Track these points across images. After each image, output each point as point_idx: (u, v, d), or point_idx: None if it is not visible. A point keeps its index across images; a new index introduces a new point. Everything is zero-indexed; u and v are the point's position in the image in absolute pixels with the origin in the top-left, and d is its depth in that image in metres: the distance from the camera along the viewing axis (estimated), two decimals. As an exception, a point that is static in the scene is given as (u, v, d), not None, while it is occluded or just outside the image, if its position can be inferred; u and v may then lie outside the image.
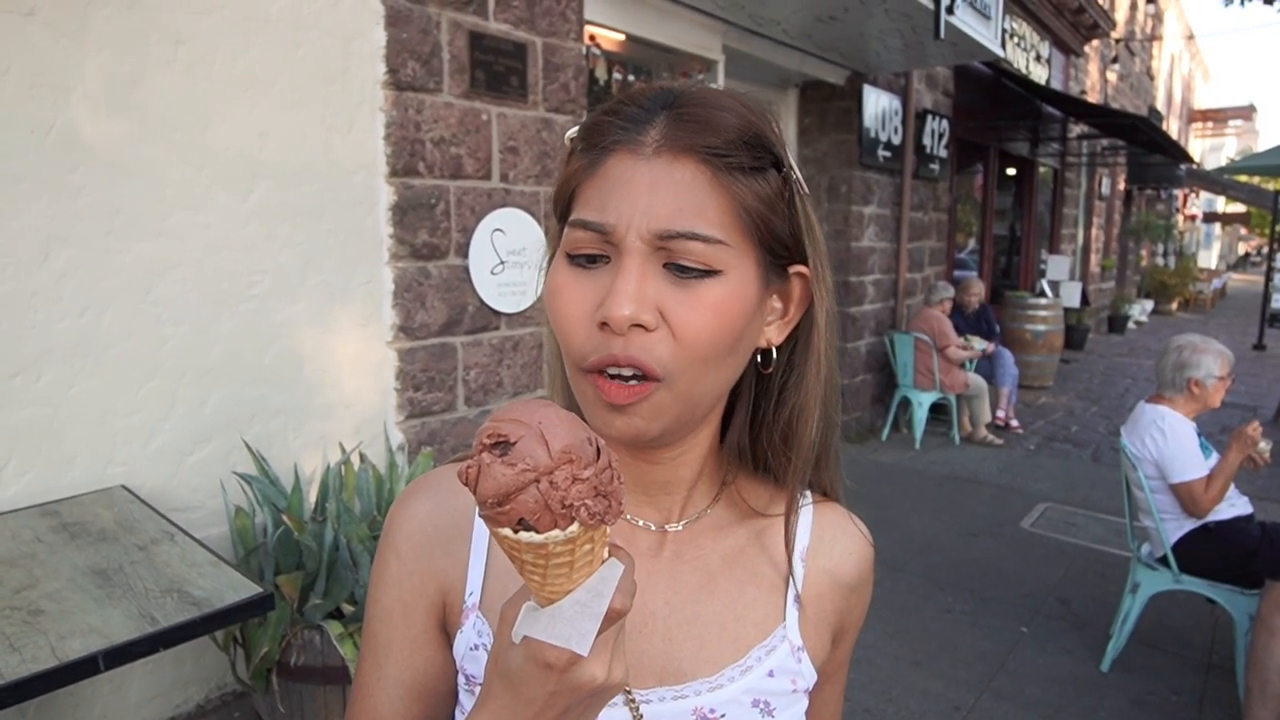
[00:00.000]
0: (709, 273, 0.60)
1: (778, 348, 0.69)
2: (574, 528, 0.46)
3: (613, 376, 0.60)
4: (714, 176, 0.60)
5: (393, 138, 2.99)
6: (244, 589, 1.71)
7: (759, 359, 0.69)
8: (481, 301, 3.33)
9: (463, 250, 3.25)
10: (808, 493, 0.77)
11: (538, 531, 0.46)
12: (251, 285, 2.68)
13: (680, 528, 0.72)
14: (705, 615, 0.71)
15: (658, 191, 0.59)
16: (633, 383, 0.60)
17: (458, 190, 3.21)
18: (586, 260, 0.62)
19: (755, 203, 0.62)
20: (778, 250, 0.65)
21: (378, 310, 3.04)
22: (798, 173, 0.66)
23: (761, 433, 0.73)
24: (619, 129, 0.62)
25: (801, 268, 0.67)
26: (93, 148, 2.31)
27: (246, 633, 2.26)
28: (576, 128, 0.66)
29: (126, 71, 2.36)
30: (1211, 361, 2.99)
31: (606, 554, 0.51)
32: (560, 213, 0.67)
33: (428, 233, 3.13)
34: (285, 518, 2.33)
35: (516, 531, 0.46)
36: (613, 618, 0.49)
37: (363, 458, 2.75)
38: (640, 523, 0.72)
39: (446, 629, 0.73)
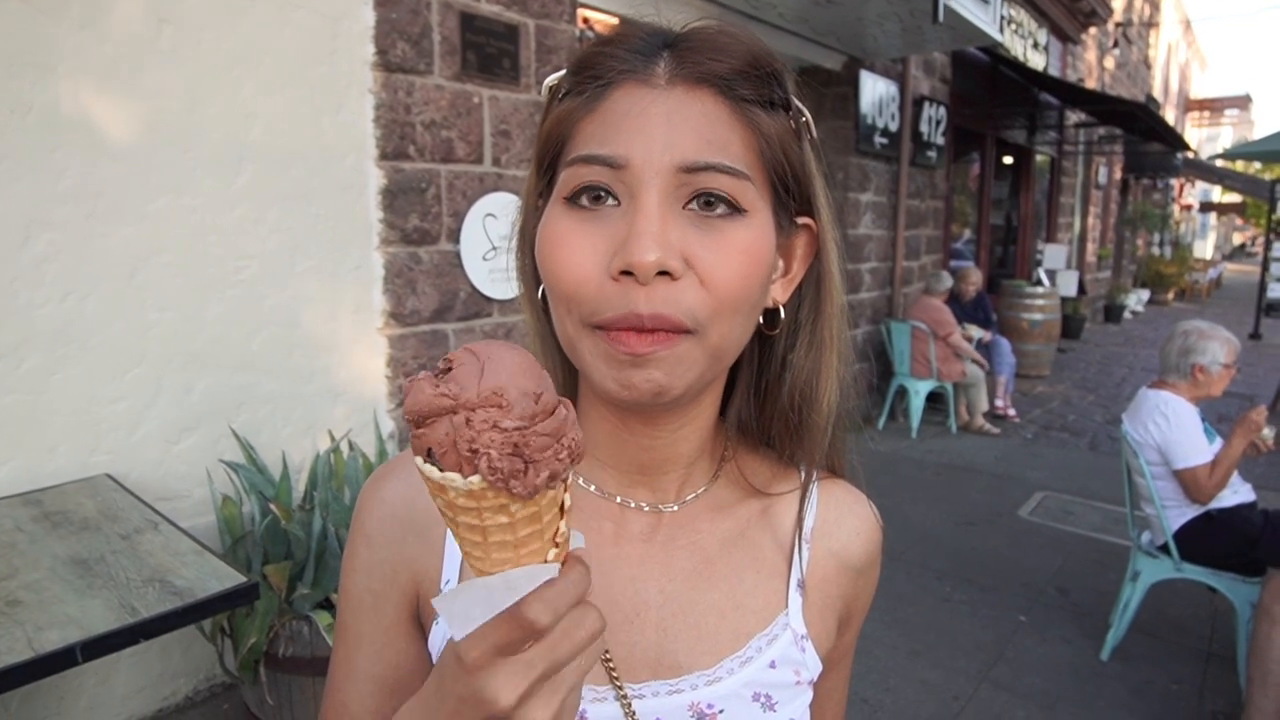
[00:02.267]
0: (735, 212, 0.55)
1: (784, 306, 0.64)
2: (475, 479, 0.40)
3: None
4: (733, 109, 0.56)
5: (382, 120, 2.93)
6: (228, 578, 1.67)
7: (761, 320, 0.63)
8: (473, 287, 3.28)
9: (454, 235, 3.20)
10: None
11: (438, 468, 0.41)
12: (239, 270, 2.63)
13: (676, 508, 0.67)
14: (702, 603, 0.66)
15: (676, 123, 0.54)
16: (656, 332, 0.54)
17: (449, 174, 3.16)
18: (591, 199, 0.55)
19: (775, 138, 0.57)
20: (791, 195, 0.60)
21: (368, 296, 2.99)
22: (808, 114, 0.61)
23: (766, 404, 0.68)
24: (623, 59, 0.57)
25: (808, 219, 0.63)
26: (75, 129, 2.26)
27: (234, 624, 2.23)
28: (558, 74, 0.61)
29: (110, 51, 2.30)
30: (1218, 348, 2.95)
31: (554, 556, 0.44)
32: (548, 163, 0.61)
33: (418, 217, 3.08)
34: (273, 506, 2.29)
35: (425, 461, 0.42)
36: (522, 626, 0.41)
37: (352, 446, 2.70)
38: (633, 504, 0.67)
39: (420, 620, 0.68)
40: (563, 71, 0.60)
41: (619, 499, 0.67)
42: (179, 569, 1.72)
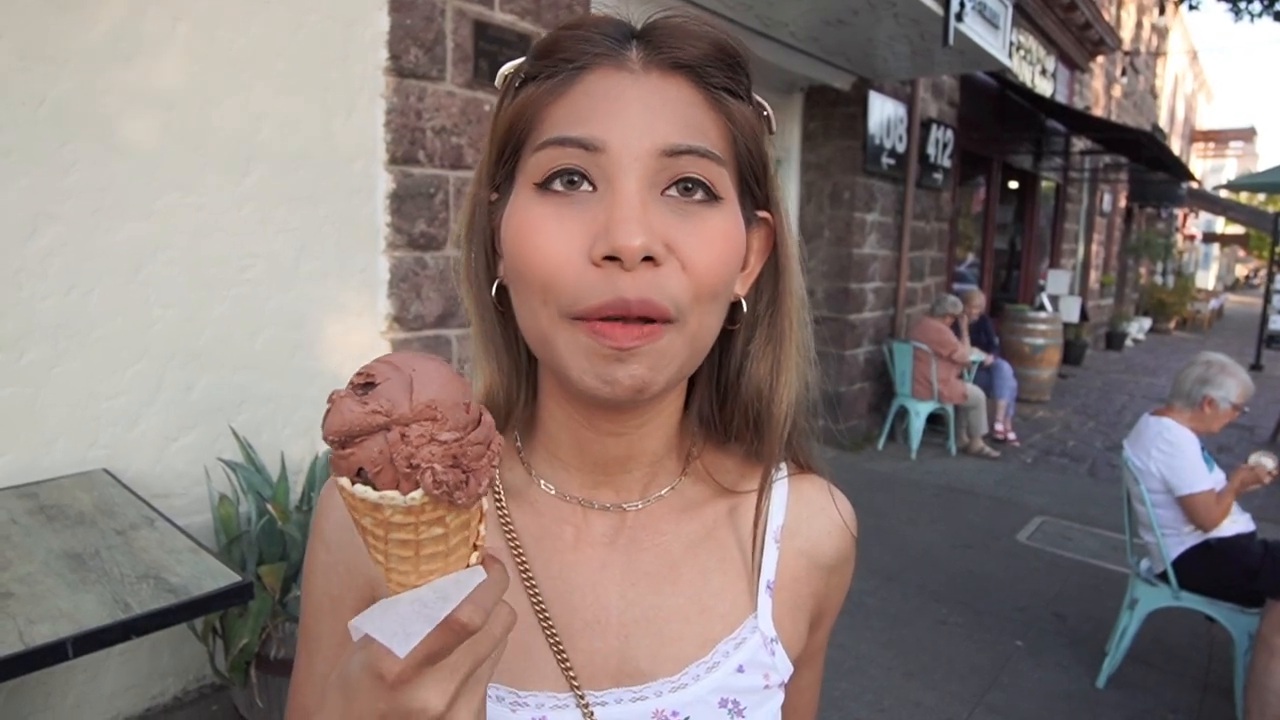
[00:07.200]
0: (711, 199, 0.55)
1: (744, 299, 0.64)
2: (416, 494, 0.39)
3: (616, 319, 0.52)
4: (708, 96, 0.56)
5: (393, 125, 2.94)
6: (222, 577, 1.66)
7: None
8: (478, 295, 3.28)
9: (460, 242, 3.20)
10: (783, 465, 0.71)
11: (375, 488, 0.40)
12: (244, 270, 2.63)
13: (640, 506, 0.66)
14: (667, 608, 0.64)
15: (654, 108, 0.54)
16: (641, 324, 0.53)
17: (457, 180, 3.17)
18: (565, 184, 0.54)
19: (746, 128, 0.58)
20: (753, 186, 0.61)
21: (372, 300, 2.99)
22: (769, 108, 0.62)
23: (727, 399, 0.67)
24: (596, 42, 0.55)
25: (766, 214, 0.63)
26: (84, 123, 2.26)
27: (226, 624, 2.21)
28: (514, 62, 0.60)
29: (122, 47, 2.31)
30: (1233, 386, 2.96)
31: (475, 559, 0.44)
32: (509, 153, 0.59)
33: (425, 222, 3.09)
34: (270, 507, 2.28)
35: (354, 483, 0.40)
36: (456, 632, 0.41)
37: (352, 449, 2.69)
38: (595, 505, 0.65)
39: None
40: (521, 60, 0.59)
41: (581, 500, 0.65)
42: (173, 566, 1.71)
